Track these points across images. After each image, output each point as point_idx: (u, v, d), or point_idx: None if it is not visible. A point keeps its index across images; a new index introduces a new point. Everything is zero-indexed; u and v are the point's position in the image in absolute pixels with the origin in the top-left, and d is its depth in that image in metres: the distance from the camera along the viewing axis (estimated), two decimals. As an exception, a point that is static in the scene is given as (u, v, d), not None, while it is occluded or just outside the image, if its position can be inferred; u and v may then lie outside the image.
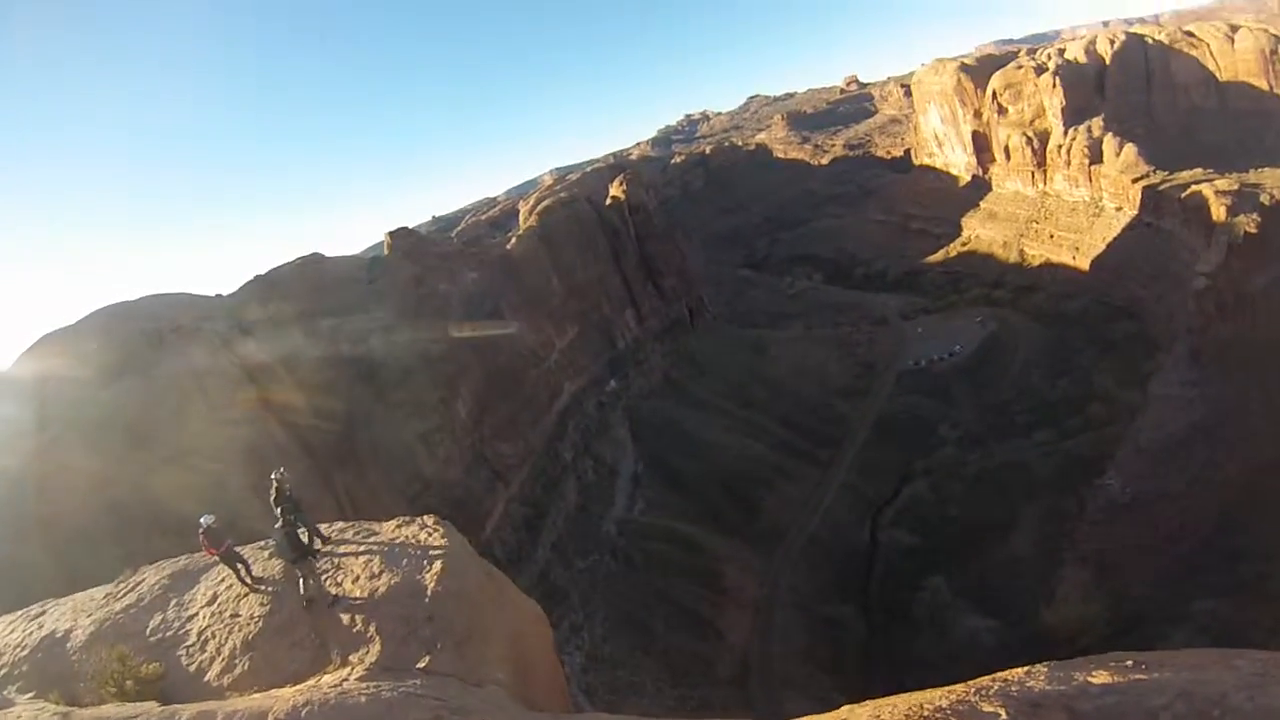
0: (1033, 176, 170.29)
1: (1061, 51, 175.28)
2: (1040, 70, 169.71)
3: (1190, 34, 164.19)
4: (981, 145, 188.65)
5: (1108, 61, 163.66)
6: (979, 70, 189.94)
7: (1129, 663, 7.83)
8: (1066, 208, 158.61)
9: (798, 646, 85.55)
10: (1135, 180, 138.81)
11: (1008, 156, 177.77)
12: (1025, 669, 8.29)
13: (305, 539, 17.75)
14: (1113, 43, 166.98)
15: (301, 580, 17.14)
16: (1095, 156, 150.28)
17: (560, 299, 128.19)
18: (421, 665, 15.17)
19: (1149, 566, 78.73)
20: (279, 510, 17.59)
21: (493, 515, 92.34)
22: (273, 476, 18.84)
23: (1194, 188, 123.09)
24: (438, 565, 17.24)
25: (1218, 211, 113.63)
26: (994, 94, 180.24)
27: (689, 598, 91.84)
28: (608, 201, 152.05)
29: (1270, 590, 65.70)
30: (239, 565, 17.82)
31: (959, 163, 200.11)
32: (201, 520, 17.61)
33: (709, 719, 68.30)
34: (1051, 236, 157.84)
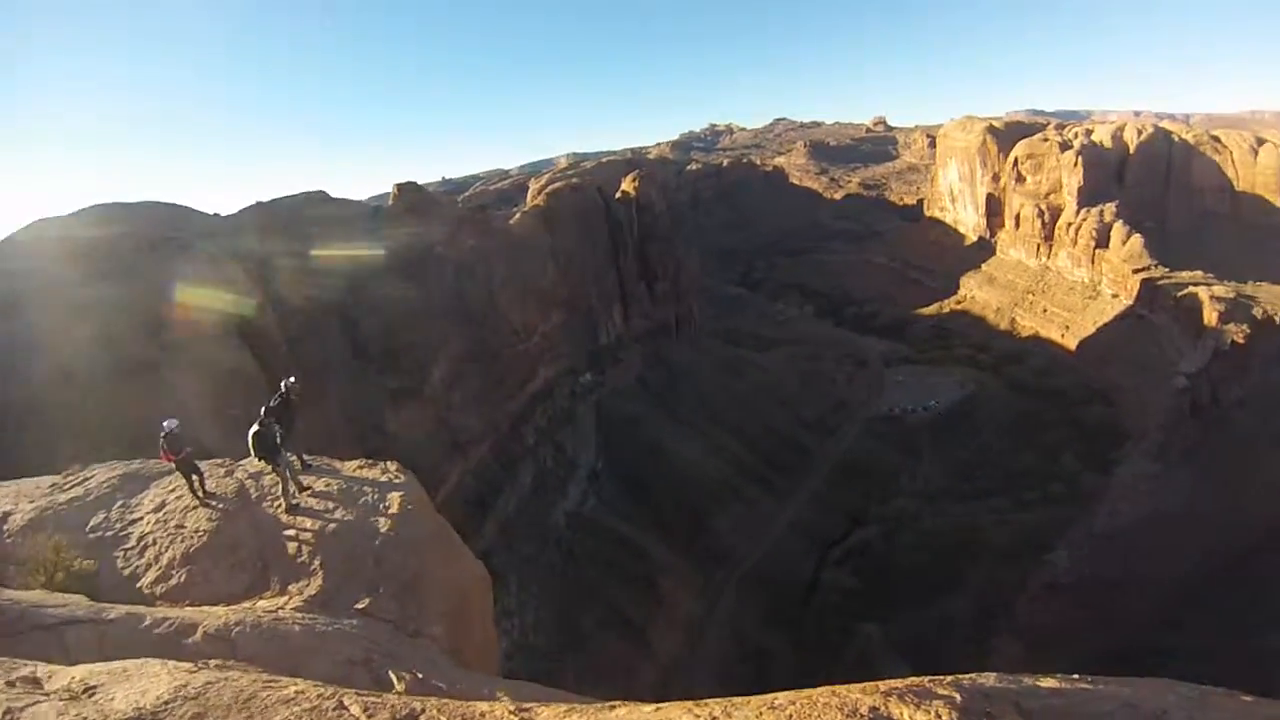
0: (1038, 249, 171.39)
1: (1089, 132, 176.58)
2: (1065, 147, 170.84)
3: (1216, 139, 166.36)
4: (994, 209, 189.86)
5: (1131, 151, 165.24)
6: (1005, 135, 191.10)
7: (1075, 676, 8.18)
8: (1065, 285, 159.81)
9: (724, 669, 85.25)
10: (1136, 271, 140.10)
11: (1017, 225, 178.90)
12: (975, 673, 8.59)
13: (279, 442, 17.49)
14: (1140, 133, 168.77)
15: (275, 473, 17.37)
16: (1102, 241, 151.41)
17: (552, 283, 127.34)
18: (360, 606, 15.02)
19: (1079, 652, 78.93)
20: (264, 412, 17.28)
21: (446, 484, 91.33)
22: (284, 384, 18.72)
23: (1191, 289, 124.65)
24: (393, 510, 17.19)
25: (1210, 316, 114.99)
26: (1015, 161, 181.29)
27: (624, 602, 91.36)
28: (617, 195, 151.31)
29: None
30: (194, 476, 17.37)
31: (968, 221, 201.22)
32: (164, 424, 17.16)
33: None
34: (1045, 311, 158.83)
